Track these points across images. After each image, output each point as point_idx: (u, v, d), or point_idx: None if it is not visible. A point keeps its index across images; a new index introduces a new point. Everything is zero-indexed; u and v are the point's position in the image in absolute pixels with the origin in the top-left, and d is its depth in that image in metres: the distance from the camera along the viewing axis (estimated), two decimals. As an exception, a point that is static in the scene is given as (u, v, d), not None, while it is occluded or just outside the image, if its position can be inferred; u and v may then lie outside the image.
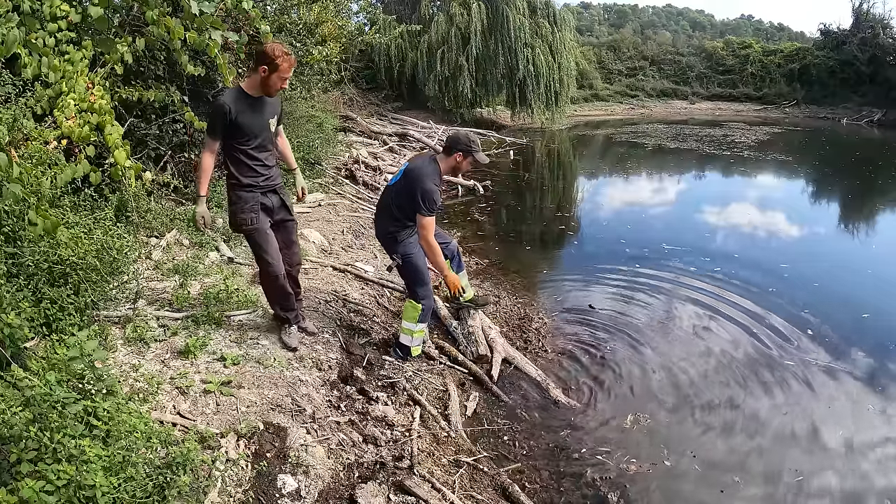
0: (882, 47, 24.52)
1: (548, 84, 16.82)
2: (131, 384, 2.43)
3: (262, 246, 3.01)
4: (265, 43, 2.83)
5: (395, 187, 3.44)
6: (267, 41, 2.98)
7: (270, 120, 2.97)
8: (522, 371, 3.76)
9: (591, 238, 7.29)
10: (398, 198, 3.39)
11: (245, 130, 2.85)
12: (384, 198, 3.55)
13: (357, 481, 2.44)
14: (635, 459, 3.01)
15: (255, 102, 2.86)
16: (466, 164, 3.36)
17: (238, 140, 2.87)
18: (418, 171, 3.29)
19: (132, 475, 1.67)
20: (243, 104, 2.82)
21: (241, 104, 2.81)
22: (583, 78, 25.37)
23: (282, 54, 2.73)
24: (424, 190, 3.21)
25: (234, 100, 2.79)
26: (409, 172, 3.35)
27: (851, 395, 3.66)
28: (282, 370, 2.95)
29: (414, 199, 3.25)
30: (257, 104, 2.87)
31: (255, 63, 2.78)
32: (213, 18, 2.43)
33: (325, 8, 7.05)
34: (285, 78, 2.83)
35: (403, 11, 17.04)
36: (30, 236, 2.49)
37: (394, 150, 11.86)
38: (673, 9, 67.16)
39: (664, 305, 4.94)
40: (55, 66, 2.55)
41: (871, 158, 14.48)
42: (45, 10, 2.51)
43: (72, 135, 2.66)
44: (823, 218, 9.04)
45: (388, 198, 3.49)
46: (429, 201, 3.22)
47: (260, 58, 2.74)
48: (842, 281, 5.60)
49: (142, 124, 4.81)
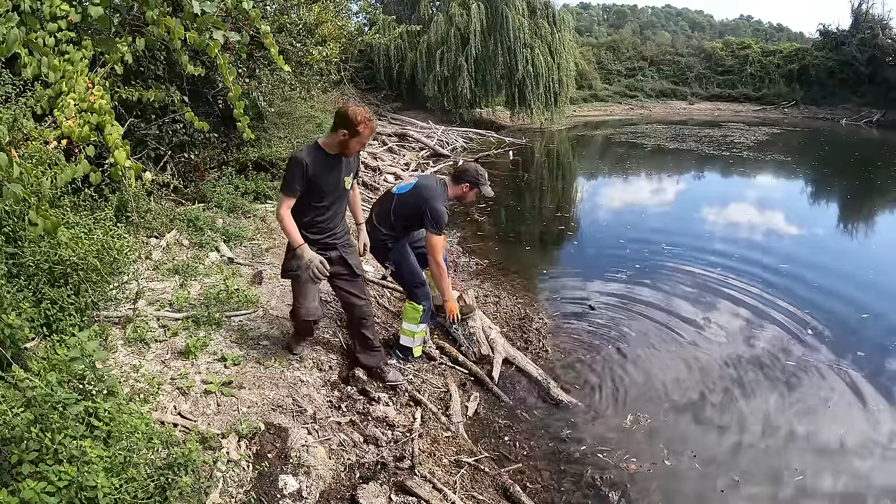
0: (881, 48, 24.55)
1: (547, 84, 16.84)
2: (132, 385, 2.42)
3: (298, 293, 2.95)
4: (348, 106, 2.73)
5: (400, 197, 3.46)
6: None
7: (346, 178, 2.88)
8: (523, 371, 3.76)
9: (591, 238, 7.30)
10: (402, 207, 3.41)
11: (319, 189, 2.77)
12: (384, 204, 3.53)
13: (358, 482, 2.43)
14: (636, 459, 3.02)
15: (333, 160, 2.78)
16: (472, 194, 3.52)
17: (312, 198, 2.78)
18: (430, 190, 3.37)
19: (133, 476, 1.67)
20: (320, 162, 2.73)
21: (319, 161, 2.73)
22: (582, 78, 25.42)
23: (364, 121, 2.66)
24: (433, 208, 3.29)
25: (311, 156, 2.71)
26: (420, 188, 3.41)
27: (851, 394, 3.66)
28: (282, 370, 2.95)
29: (422, 215, 3.32)
30: (334, 162, 2.79)
31: (334, 123, 2.71)
32: (215, 18, 2.42)
33: (325, 8, 7.04)
34: (364, 143, 2.79)
35: (403, 12, 17.06)
36: (30, 236, 2.48)
37: (393, 150, 11.86)
38: (672, 9, 67.30)
39: (664, 305, 4.94)
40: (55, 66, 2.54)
41: (870, 159, 14.51)
42: (45, 9, 2.50)
43: (72, 135, 2.65)
44: (823, 218, 9.04)
45: (388, 204, 3.48)
46: (437, 220, 3.31)
47: (341, 121, 2.66)
48: (841, 281, 5.60)
49: (142, 124, 4.81)
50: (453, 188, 3.48)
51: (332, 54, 6.89)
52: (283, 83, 6.41)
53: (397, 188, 3.58)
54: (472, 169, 3.50)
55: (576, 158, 15.05)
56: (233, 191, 5.52)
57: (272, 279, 4.11)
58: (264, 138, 6.39)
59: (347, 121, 2.65)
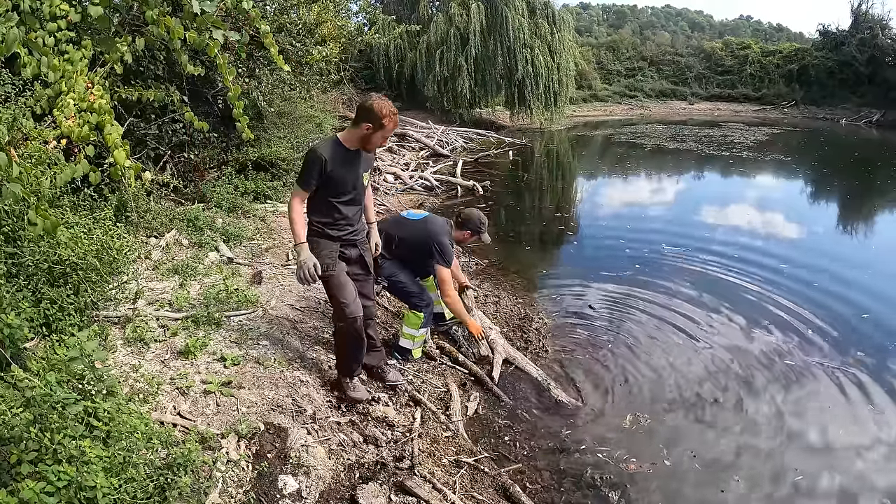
0: (881, 48, 24.58)
1: (547, 84, 16.84)
2: (131, 385, 2.42)
3: (337, 290, 2.81)
4: (372, 99, 2.68)
5: (406, 223, 3.54)
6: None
7: (364, 174, 2.86)
8: (523, 371, 3.76)
9: (591, 238, 7.30)
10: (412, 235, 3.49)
11: (339, 184, 2.75)
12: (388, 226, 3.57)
13: (358, 482, 2.43)
14: (636, 459, 3.01)
15: (352, 156, 2.76)
16: (472, 239, 3.76)
17: (330, 193, 2.76)
18: (439, 227, 3.54)
19: (133, 476, 1.66)
20: (340, 157, 2.71)
21: (338, 157, 2.70)
22: (582, 78, 25.43)
23: (389, 114, 2.62)
24: (441, 242, 3.44)
25: (330, 151, 2.69)
26: (430, 223, 3.56)
27: (851, 394, 3.66)
28: (282, 371, 2.95)
29: (429, 250, 3.45)
30: (353, 157, 2.76)
31: (357, 117, 2.66)
32: (215, 18, 2.42)
33: (324, 8, 7.03)
34: (387, 138, 2.77)
35: (403, 12, 17.06)
36: (30, 236, 2.48)
37: (392, 150, 11.85)
38: (672, 9, 67.36)
39: (664, 306, 4.94)
40: (55, 66, 2.54)
41: (869, 159, 14.51)
42: (45, 9, 2.50)
43: (71, 134, 2.64)
44: (822, 218, 9.04)
45: (392, 228, 3.54)
46: (447, 254, 3.46)
47: (365, 114, 2.62)
48: (841, 281, 5.60)
49: (141, 124, 4.81)
50: (457, 232, 3.66)
51: (332, 54, 6.89)
52: (283, 83, 6.41)
53: (408, 213, 3.69)
54: (475, 217, 3.69)
55: (575, 158, 15.06)
56: (232, 191, 5.52)
57: (272, 279, 4.11)
58: (264, 138, 6.39)
59: (372, 114, 2.61)
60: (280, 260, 4.62)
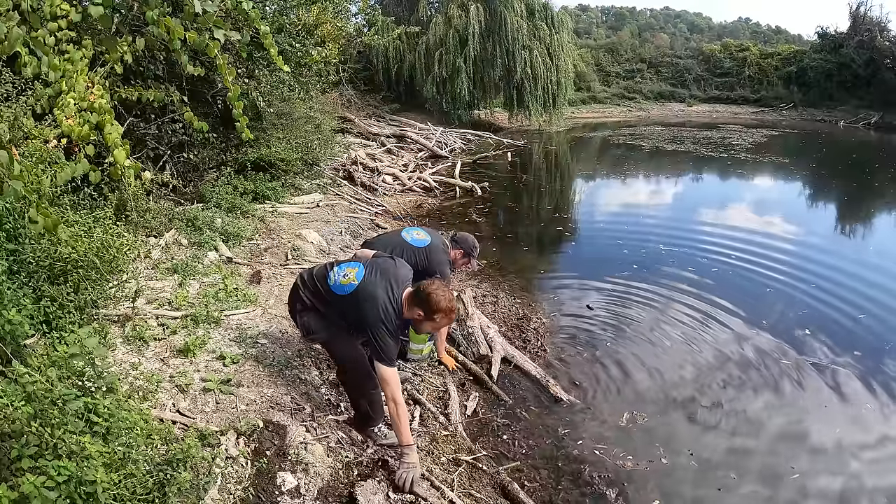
0: (879, 50, 24.60)
1: (545, 86, 16.84)
2: (131, 382, 2.42)
3: (364, 393, 2.76)
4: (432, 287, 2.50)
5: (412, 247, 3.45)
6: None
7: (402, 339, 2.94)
8: (522, 370, 3.77)
9: (589, 239, 7.32)
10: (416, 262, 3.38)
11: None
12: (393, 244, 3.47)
13: (356, 479, 2.44)
14: (633, 457, 3.03)
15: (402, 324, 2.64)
16: (462, 263, 3.69)
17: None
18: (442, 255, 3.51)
19: (133, 472, 1.68)
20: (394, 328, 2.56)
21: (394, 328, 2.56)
22: (580, 80, 25.40)
23: (445, 311, 2.47)
24: (443, 272, 3.42)
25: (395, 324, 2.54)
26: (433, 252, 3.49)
27: (848, 394, 3.68)
28: (281, 369, 2.96)
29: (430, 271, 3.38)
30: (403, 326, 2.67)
31: (414, 300, 2.52)
32: (216, 18, 2.43)
33: (324, 9, 7.05)
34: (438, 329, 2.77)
35: (402, 13, 17.06)
36: (30, 234, 2.49)
37: (391, 151, 11.86)
38: (671, 11, 67.39)
39: (661, 306, 4.96)
40: (55, 65, 2.55)
41: (867, 161, 14.53)
42: (46, 8, 2.51)
43: (71, 133, 2.66)
44: (820, 220, 9.07)
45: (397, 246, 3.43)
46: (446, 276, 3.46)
47: (422, 303, 2.48)
48: (838, 282, 5.62)
49: (141, 124, 4.82)
50: (453, 250, 3.64)
51: (331, 55, 6.91)
52: (282, 84, 6.42)
53: (412, 240, 3.52)
54: (470, 241, 3.68)
55: (574, 160, 15.08)
56: (231, 191, 5.53)
57: (271, 279, 4.13)
58: (263, 139, 6.41)
59: (429, 307, 2.47)
60: (279, 259, 4.63)
